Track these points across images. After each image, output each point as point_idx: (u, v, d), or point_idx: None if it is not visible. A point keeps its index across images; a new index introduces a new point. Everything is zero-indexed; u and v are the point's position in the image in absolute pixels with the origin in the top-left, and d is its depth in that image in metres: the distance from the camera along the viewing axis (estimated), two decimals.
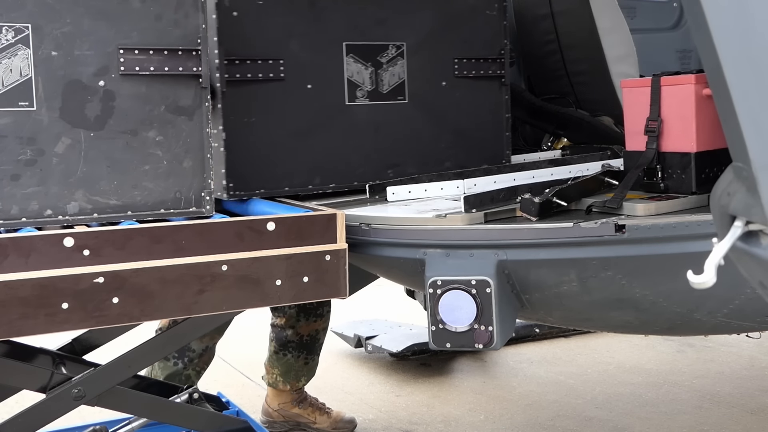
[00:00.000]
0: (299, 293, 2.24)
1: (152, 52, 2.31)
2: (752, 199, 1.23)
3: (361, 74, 2.92)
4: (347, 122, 2.92)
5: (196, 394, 2.67)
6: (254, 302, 2.21)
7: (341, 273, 2.27)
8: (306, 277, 2.23)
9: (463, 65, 3.09)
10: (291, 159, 2.84)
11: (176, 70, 2.34)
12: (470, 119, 3.13)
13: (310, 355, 3.67)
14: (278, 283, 2.20)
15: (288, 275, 2.21)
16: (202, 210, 2.36)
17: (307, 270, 2.23)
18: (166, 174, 2.34)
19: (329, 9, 2.86)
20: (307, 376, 3.71)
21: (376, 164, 2.96)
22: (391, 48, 2.96)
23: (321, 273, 2.25)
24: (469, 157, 3.12)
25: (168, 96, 2.35)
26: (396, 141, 3.01)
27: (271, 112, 2.81)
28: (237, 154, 2.74)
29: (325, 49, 2.87)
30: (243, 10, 2.74)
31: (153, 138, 2.32)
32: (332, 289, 2.28)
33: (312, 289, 2.25)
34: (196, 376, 3.36)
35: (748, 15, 1.19)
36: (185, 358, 3.30)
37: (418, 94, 3.03)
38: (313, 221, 2.26)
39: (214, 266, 2.15)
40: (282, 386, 3.67)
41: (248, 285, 2.18)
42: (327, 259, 2.26)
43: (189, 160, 2.36)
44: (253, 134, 2.77)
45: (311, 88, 2.86)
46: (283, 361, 3.65)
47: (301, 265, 2.22)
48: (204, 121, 2.39)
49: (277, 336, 3.65)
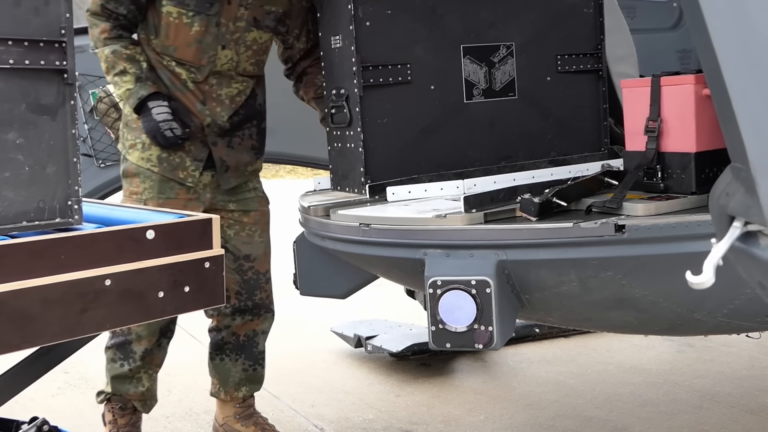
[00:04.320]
0: (181, 304, 2.04)
1: (11, 43, 2.00)
2: (751, 199, 1.23)
3: (476, 74, 3.12)
4: (466, 119, 3.13)
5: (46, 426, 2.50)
6: (138, 317, 2.01)
7: (219, 280, 2.08)
8: (187, 286, 2.03)
9: (564, 61, 3.29)
10: (418, 155, 3.06)
11: (38, 63, 2.05)
12: (572, 111, 3.33)
13: (249, 361, 3.43)
14: (161, 296, 2.00)
15: (170, 286, 2.01)
16: (70, 220, 2.07)
17: (188, 279, 2.04)
18: (29, 181, 2.02)
19: (448, 15, 3.08)
20: (248, 386, 3.46)
21: (491, 157, 3.15)
22: (502, 48, 3.16)
23: (201, 282, 2.06)
24: (572, 146, 3.31)
25: (29, 93, 2.04)
26: (508, 134, 3.21)
27: (401, 112, 3.05)
28: (373, 153, 2.99)
29: (445, 52, 3.08)
30: (374, 20, 2.98)
31: (13, 141, 2.00)
32: (211, 298, 2.08)
33: (192, 300, 2.05)
34: (148, 378, 3.26)
35: (747, 16, 1.20)
36: (129, 359, 3.20)
37: (526, 90, 3.23)
38: (190, 227, 2.07)
39: (98, 281, 1.91)
40: (223, 396, 3.45)
41: (131, 299, 1.96)
42: (207, 266, 2.06)
43: (53, 165, 2.06)
44: (387, 133, 3.02)
45: (434, 89, 3.08)
46: (221, 367, 3.43)
47: (182, 274, 2.03)
48: (69, 122, 2.09)
49: (212, 340, 3.44)
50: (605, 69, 3.38)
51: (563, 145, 3.30)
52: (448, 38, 3.08)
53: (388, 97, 3.02)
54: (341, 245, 2.81)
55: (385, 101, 3.01)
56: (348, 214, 2.73)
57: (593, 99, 3.37)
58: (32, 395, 4.19)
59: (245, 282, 3.34)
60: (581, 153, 3.29)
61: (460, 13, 3.10)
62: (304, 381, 4.35)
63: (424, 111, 3.07)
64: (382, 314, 5.28)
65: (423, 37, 3.05)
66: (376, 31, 2.98)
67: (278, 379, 4.36)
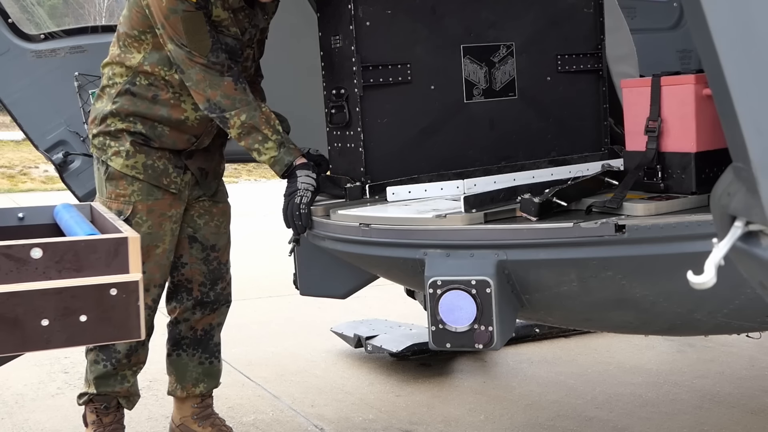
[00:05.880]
0: (75, 335, 1.76)
1: None
2: (752, 199, 1.22)
3: (476, 74, 3.12)
4: (466, 119, 3.13)
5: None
6: (12, 346, 1.74)
7: (133, 310, 1.78)
8: (84, 315, 1.75)
9: (565, 61, 3.30)
10: (418, 155, 3.06)
11: None
12: (572, 111, 3.34)
13: (205, 355, 3.40)
14: (45, 324, 1.72)
15: (58, 314, 1.73)
16: None
17: (85, 307, 1.75)
18: None
19: (448, 15, 3.07)
20: (206, 383, 3.42)
21: (491, 156, 3.15)
22: (502, 48, 3.16)
23: (104, 311, 1.76)
24: (572, 146, 3.32)
25: None
26: (508, 134, 3.21)
27: (401, 112, 3.05)
28: (373, 153, 2.99)
29: (445, 52, 3.08)
30: (374, 20, 2.97)
31: None
32: (121, 331, 1.79)
33: (93, 330, 1.76)
34: (133, 375, 3.25)
35: (748, 15, 1.19)
36: (112, 359, 3.18)
37: (526, 90, 3.23)
38: (95, 247, 1.77)
39: None
40: (180, 393, 3.41)
41: (2, 326, 1.70)
42: (112, 293, 1.76)
43: None
44: (387, 134, 3.02)
45: (434, 89, 3.08)
46: (178, 363, 3.39)
47: (76, 300, 1.74)
48: None
49: (170, 334, 3.40)
50: (605, 69, 3.38)
51: (563, 145, 3.31)
52: (448, 38, 3.08)
53: (388, 97, 3.02)
54: (341, 245, 2.80)
55: (385, 101, 3.01)
56: (348, 214, 2.73)
57: (593, 99, 3.38)
58: (32, 395, 4.19)
59: (210, 272, 3.34)
60: (581, 153, 3.30)
61: (460, 13, 3.10)
62: (304, 381, 4.35)
63: (424, 111, 3.07)
64: (382, 314, 5.28)
65: (423, 37, 3.05)
66: (376, 31, 2.98)
67: (278, 379, 4.36)
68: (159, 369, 3.64)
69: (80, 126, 3.82)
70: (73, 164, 3.92)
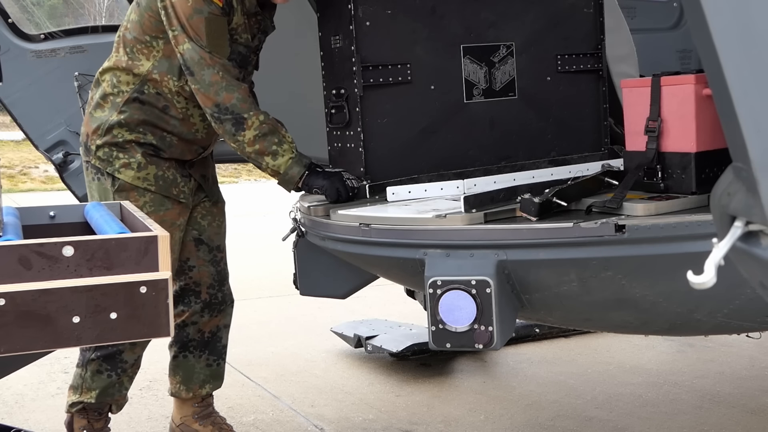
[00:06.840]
0: (105, 333, 1.80)
1: None
2: (752, 199, 1.22)
3: (476, 74, 3.13)
4: (466, 119, 3.14)
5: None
6: (43, 343, 1.78)
7: (162, 308, 1.83)
8: (114, 313, 1.80)
9: (564, 61, 3.31)
10: (418, 155, 3.07)
11: None
12: (572, 111, 3.34)
13: (212, 356, 3.41)
14: (76, 321, 1.77)
15: (89, 311, 1.78)
16: None
17: (116, 305, 1.80)
18: None
19: (448, 15, 3.08)
20: (212, 384, 3.43)
21: (491, 157, 3.16)
22: (502, 48, 3.17)
23: (134, 308, 1.81)
24: (572, 146, 3.33)
25: None
26: (508, 134, 3.22)
27: (401, 112, 3.05)
28: (373, 153, 2.99)
29: (445, 52, 3.09)
30: (374, 20, 2.97)
31: None
32: (151, 328, 1.84)
33: (123, 328, 1.81)
34: (129, 382, 3.26)
35: (748, 15, 1.19)
36: (118, 369, 3.18)
37: (526, 90, 3.23)
38: (125, 245, 1.82)
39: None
40: (185, 394, 3.39)
41: (34, 323, 1.75)
42: (142, 291, 1.81)
43: None
44: (386, 134, 3.03)
45: (434, 89, 3.09)
46: (185, 365, 3.38)
47: (107, 298, 1.79)
48: None
49: (176, 337, 3.38)
50: (605, 69, 3.38)
51: (563, 145, 3.31)
52: (448, 38, 3.08)
53: (388, 97, 3.02)
54: (341, 245, 2.80)
55: (385, 101, 3.02)
56: (348, 214, 2.73)
57: (593, 99, 3.39)
58: (32, 395, 4.19)
59: (218, 273, 3.35)
60: (581, 153, 3.30)
61: (460, 13, 3.10)
62: (304, 381, 4.35)
63: (424, 111, 3.07)
64: (382, 314, 5.28)
65: (423, 37, 3.05)
66: (376, 31, 2.98)
67: (278, 379, 4.36)
68: (159, 369, 3.64)
69: (80, 126, 3.82)
70: (73, 164, 3.92)
